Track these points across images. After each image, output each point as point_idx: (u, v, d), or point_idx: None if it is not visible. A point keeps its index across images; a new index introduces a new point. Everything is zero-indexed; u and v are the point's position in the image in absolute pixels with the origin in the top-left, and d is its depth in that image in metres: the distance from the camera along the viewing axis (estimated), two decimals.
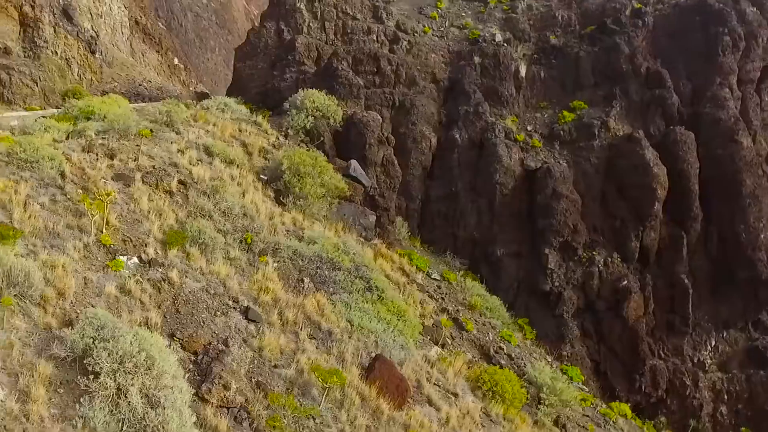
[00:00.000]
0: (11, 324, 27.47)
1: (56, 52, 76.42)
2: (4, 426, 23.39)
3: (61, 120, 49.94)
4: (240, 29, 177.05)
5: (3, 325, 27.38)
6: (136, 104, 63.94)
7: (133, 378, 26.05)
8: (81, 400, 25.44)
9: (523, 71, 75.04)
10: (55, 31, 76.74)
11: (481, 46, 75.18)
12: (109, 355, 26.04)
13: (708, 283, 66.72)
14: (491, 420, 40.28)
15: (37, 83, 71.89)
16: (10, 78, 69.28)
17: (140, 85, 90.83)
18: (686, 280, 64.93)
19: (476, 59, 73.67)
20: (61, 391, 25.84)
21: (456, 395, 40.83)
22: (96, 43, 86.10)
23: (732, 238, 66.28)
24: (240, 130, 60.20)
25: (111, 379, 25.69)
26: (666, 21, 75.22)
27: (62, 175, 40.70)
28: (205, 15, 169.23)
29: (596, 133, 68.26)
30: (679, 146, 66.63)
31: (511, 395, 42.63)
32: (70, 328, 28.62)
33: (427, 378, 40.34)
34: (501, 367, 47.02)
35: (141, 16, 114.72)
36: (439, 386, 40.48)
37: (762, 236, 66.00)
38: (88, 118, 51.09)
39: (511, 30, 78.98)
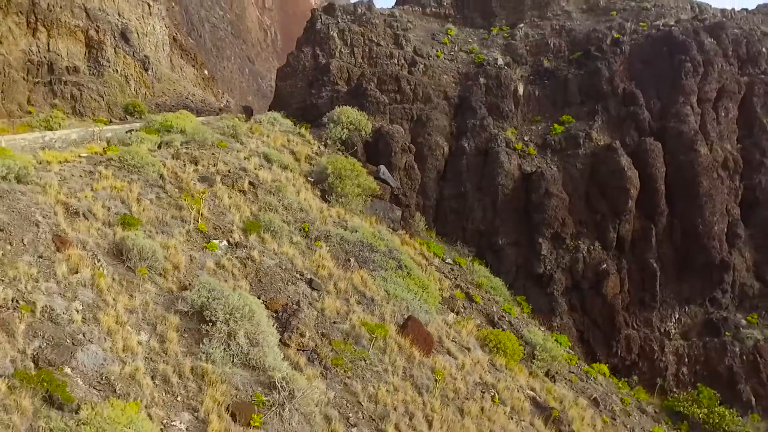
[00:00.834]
0: (144, 288, 31.32)
1: (117, 70, 76.27)
2: (150, 358, 27.38)
3: (150, 132, 51.21)
4: (253, 39, 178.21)
5: (140, 289, 31.69)
6: (201, 118, 65.06)
7: (239, 325, 30.09)
8: (203, 341, 29.32)
9: (520, 90, 75.08)
10: (115, 51, 76.66)
11: (485, 69, 75.23)
12: (222, 308, 30.05)
13: (673, 266, 66.23)
14: (496, 368, 42.51)
15: (103, 98, 71.43)
16: (81, 93, 69.37)
17: (186, 98, 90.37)
18: (655, 264, 64.99)
19: (481, 80, 73.84)
20: (186, 335, 29.64)
21: (468, 349, 43.12)
22: (149, 62, 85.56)
23: (691, 230, 66.00)
24: (288, 141, 62.19)
25: (225, 325, 29.79)
26: (639, 49, 75.18)
27: (161, 177, 43.20)
28: (221, 26, 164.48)
29: (581, 143, 68.48)
30: (648, 154, 66.74)
31: (512, 351, 44.93)
32: (187, 290, 32.22)
33: (446, 335, 42.65)
34: (503, 330, 48.80)
35: (176, 33, 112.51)
36: (455, 342, 42.71)
37: (716, 228, 65.73)
38: (168, 131, 52.58)
39: (510, 54, 79.05)
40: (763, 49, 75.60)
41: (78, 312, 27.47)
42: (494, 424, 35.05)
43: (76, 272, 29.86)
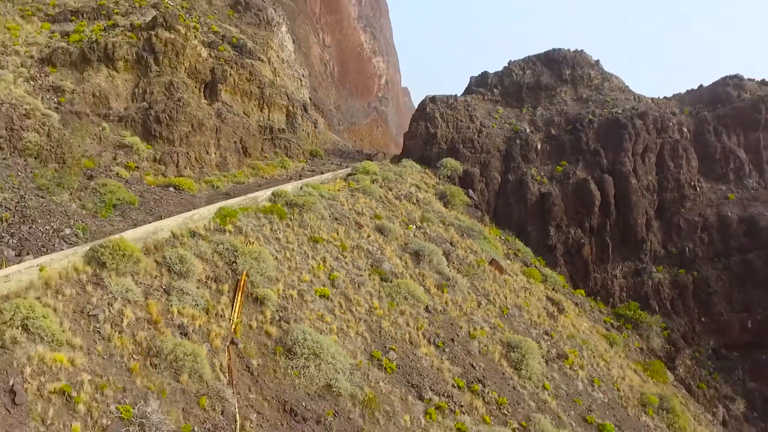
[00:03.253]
0: (391, 244, 50.34)
1: (303, 129, 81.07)
2: (403, 268, 49.39)
3: (363, 173, 64.84)
4: (316, 72, 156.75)
5: (387, 247, 54.04)
6: (374, 162, 71.44)
7: (433, 257, 49.59)
8: (419, 263, 48.66)
9: (538, 147, 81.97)
10: (301, 118, 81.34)
11: (519, 134, 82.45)
12: (427, 250, 49.84)
13: (618, 241, 73.25)
14: (529, 283, 56.88)
15: (300, 147, 76.48)
16: (290, 145, 74.10)
17: (337, 144, 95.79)
18: (608, 240, 72.54)
19: (517, 141, 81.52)
20: (411, 261, 48.87)
21: (517, 275, 56.97)
22: (317, 122, 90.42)
23: (627, 222, 73.45)
24: (421, 177, 72.93)
25: (428, 257, 49.35)
26: (603, 125, 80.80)
27: (380, 197, 58.71)
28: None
29: (570, 176, 75.90)
30: (605, 183, 74.42)
31: (536, 276, 59.33)
32: (408, 245, 50.69)
33: (507, 268, 56.49)
34: (532, 268, 62.42)
35: (310, 93, 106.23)
36: (511, 271, 56.75)
37: (639, 221, 73.00)
38: (367, 173, 63.42)
39: (533, 125, 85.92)
40: (670, 123, 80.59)
41: (373, 249, 49.08)
42: (529, 300, 54.90)
43: (368, 236, 50.50)
